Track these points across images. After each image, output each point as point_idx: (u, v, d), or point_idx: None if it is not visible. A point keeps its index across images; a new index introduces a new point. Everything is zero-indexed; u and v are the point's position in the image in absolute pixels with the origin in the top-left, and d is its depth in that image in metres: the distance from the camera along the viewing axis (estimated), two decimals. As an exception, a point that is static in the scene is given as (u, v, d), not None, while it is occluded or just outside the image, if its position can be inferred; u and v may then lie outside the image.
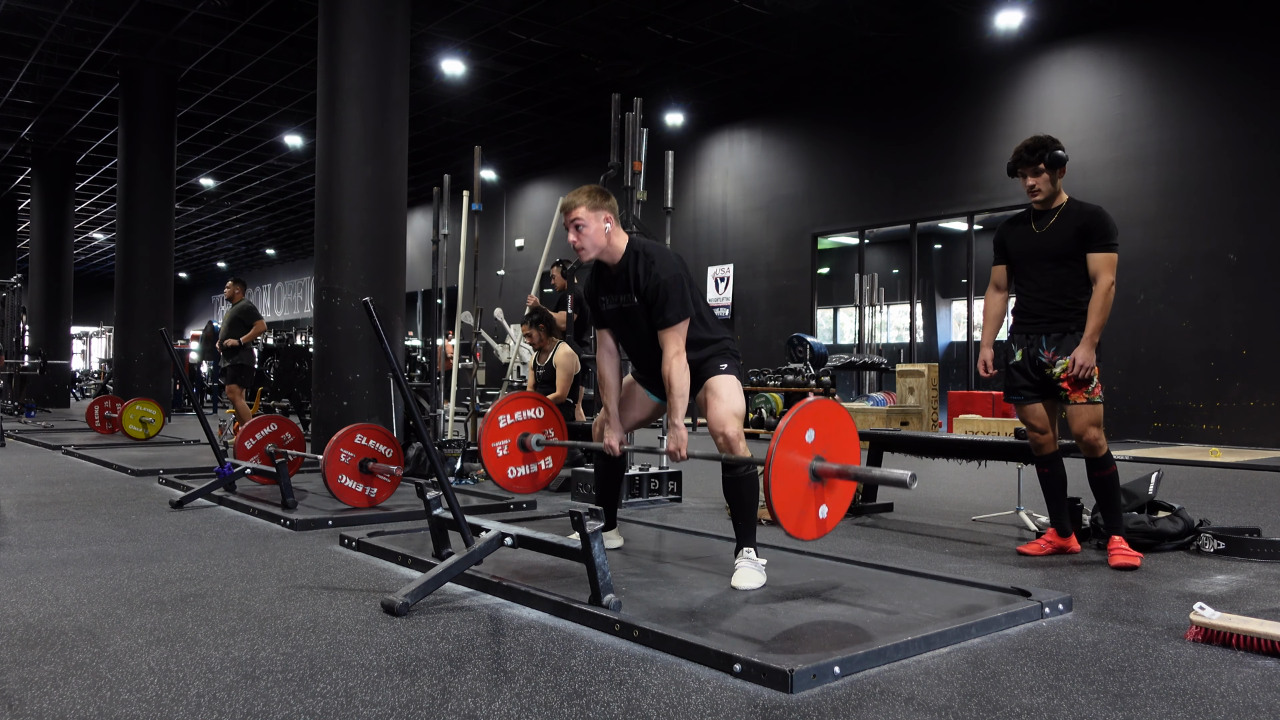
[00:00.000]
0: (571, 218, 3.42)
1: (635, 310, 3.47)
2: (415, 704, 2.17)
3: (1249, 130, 10.16)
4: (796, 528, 2.99)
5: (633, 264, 3.44)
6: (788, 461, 2.96)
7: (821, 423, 3.08)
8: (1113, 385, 11.09)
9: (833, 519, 3.13)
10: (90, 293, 33.14)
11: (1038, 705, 2.19)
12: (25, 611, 2.97)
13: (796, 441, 3.00)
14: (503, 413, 4.02)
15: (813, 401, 3.09)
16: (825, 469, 3.02)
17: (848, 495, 3.18)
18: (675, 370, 3.34)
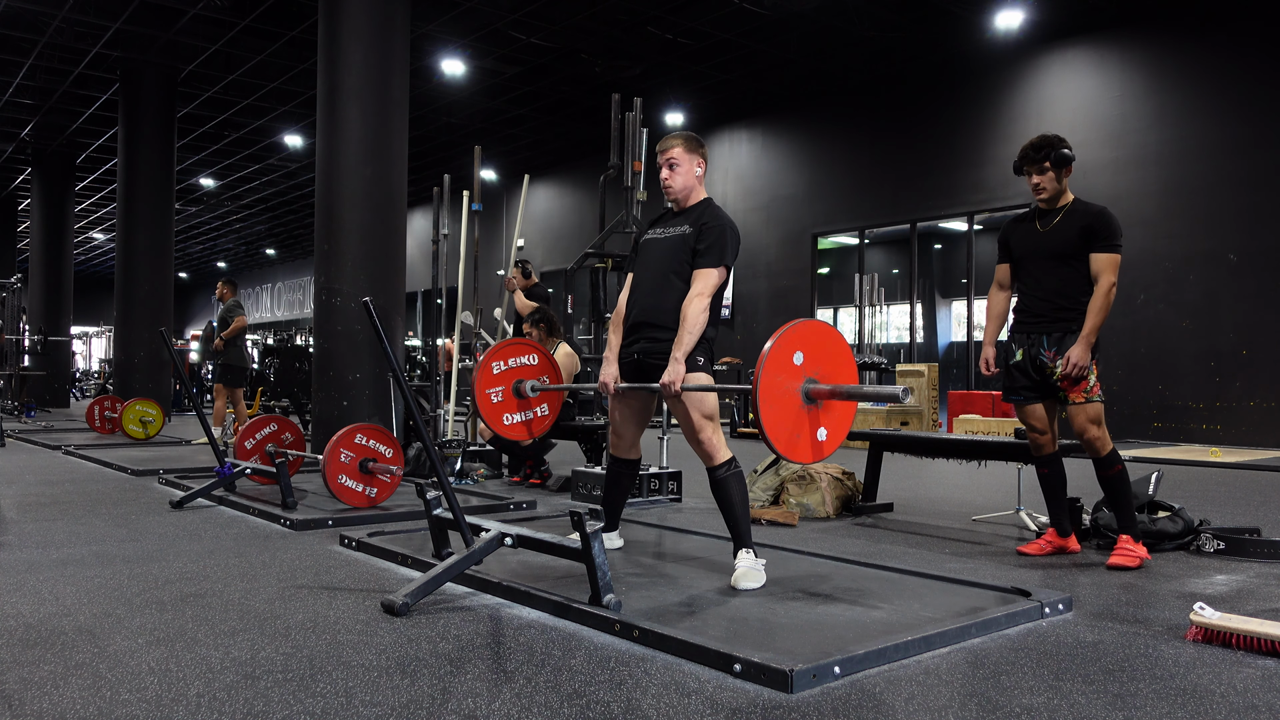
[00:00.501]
0: (667, 156, 3.53)
1: (679, 242, 3.48)
2: (415, 704, 2.17)
3: (1249, 130, 10.16)
4: (790, 449, 2.95)
5: (702, 208, 3.54)
6: (775, 385, 2.91)
7: (810, 344, 3.03)
8: (1113, 385, 11.09)
9: (832, 442, 3.08)
10: (90, 293, 33.13)
11: (1038, 705, 2.19)
12: (25, 611, 2.97)
13: (784, 364, 2.94)
14: (496, 359, 4.01)
15: (800, 322, 3.05)
16: (818, 390, 2.99)
17: (847, 417, 3.14)
18: (694, 308, 3.34)
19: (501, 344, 4.09)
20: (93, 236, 29.41)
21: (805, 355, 2.99)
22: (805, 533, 4.62)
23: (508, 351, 4.05)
